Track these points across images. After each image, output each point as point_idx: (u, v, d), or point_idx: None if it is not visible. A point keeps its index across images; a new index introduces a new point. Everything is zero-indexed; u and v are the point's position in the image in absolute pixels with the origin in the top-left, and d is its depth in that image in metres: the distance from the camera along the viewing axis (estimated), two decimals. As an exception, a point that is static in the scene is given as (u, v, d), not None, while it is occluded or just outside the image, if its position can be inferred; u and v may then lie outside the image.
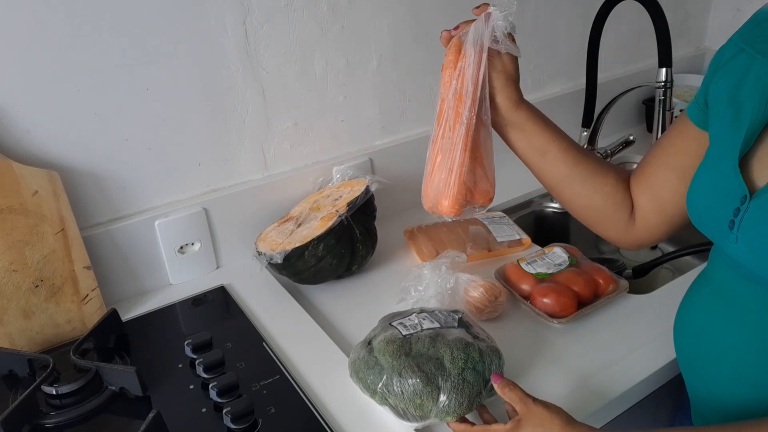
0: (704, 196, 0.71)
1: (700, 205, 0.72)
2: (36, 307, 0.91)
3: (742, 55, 0.69)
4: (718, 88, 0.72)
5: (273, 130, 1.13)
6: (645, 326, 0.92)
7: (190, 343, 0.88)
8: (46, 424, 0.79)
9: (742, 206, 0.64)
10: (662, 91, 1.14)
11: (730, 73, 0.70)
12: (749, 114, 0.66)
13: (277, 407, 0.79)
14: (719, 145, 0.70)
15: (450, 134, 0.78)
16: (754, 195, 0.64)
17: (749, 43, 0.69)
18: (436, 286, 0.95)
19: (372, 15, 1.15)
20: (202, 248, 1.09)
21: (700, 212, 0.73)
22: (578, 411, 0.78)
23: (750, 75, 0.68)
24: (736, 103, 0.68)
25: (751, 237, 0.64)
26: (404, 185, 1.27)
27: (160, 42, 0.96)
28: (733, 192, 0.66)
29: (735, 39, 0.72)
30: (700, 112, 0.76)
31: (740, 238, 0.65)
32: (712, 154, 0.72)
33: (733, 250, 0.67)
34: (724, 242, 0.68)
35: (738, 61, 0.70)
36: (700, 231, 0.74)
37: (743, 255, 0.66)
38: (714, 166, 0.70)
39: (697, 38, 1.78)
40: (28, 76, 0.89)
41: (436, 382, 0.73)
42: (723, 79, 0.71)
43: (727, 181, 0.66)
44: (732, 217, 0.66)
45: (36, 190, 0.90)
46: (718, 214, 0.68)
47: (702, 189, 0.72)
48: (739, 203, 0.65)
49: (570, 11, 1.43)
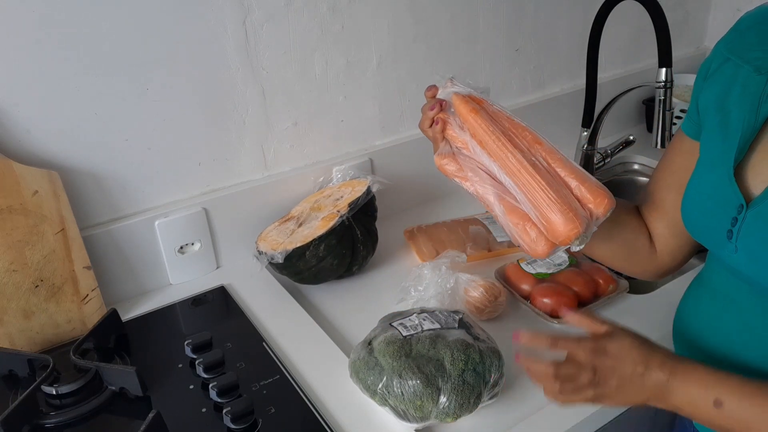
0: (699, 206, 0.71)
1: (696, 215, 0.72)
2: (36, 307, 0.91)
3: (728, 65, 0.69)
4: (706, 98, 0.72)
5: (273, 130, 1.13)
6: (645, 326, 0.91)
7: (190, 343, 0.88)
8: (46, 424, 0.79)
9: (739, 215, 0.64)
10: (662, 91, 1.14)
11: (717, 83, 0.70)
12: (740, 123, 0.66)
13: (277, 407, 0.79)
14: (710, 155, 0.70)
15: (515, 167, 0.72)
16: (750, 204, 0.64)
17: (734, 52, 0.69)
18: (436, 286, 0.95)
19: (372, 15, 1.15)
20: (202, 248, 1.09)
21: (695, 223, 0.72)
22: (578, 411, 0.78)
23: (736, 84, 0.68)
24: (723, 111, 0.68)
25: (751, 246, 0.64)
26: (404, 185, 1.27)
27: (160, 42, 0.96)
28: (729, 201, 0.66)
29: (720, 48, 0.72)
30: (694, 125, 0.75)
31: (740, 247, 0.65)
32: (704, 163, 0.72)
33: (732, 260, 0.67)
34: (722, 252, 0.68)
35: (724, 70, 0.70)
36: (697, 240, 0.74)
37: (743, 264, 0.66)
38: (707, 176, 0.70)
39: (697, 38, 1.78)
40: (28, 76, 0.89)
41: (436, 383, 0.73)
42: (710, 89, 0.71)
43: (722, 191, 0.66)
44: (730, 226, 0.65)
45: (36, 190, 0.90)
46: (714, 224, 0.68)
47: (697, 199, 0.72)
48: (736, 213, 0.65)
49: (570, 11, 1.43)
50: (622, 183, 1.50)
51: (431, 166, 0.79)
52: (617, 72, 1.59)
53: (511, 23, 1.35)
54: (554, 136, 1.55)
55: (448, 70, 1.29)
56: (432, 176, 1.29)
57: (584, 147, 1.39)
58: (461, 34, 1.28)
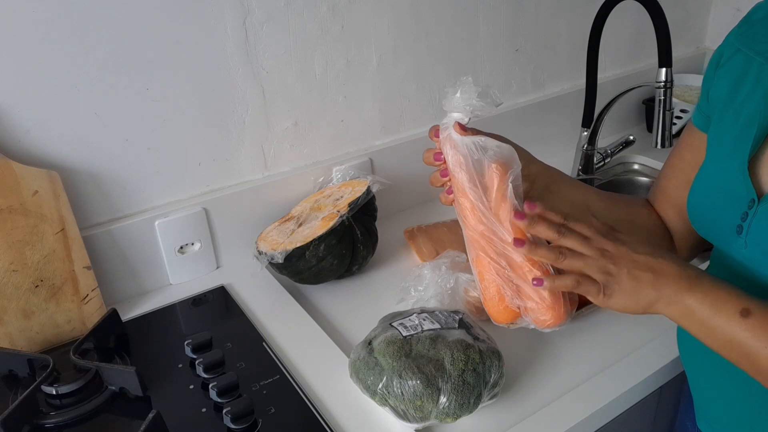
0: (707, 200, 0.70)
1: (703, 210, 0.71)
2: (36, 307, 0.91)
3: (739, 56, 0.68)
4: (717, 90, 0.71)
5: (273, 130, 1.13)
6: (645, 326, 0.92)
7: (190, 343, 0.88)
8: (46, 424, 0.79)
9: (750, 210, 0.64)
10: (662, 91, 1.14)
11: (729, 75, 0.69)
12: (755, 116, 0.64)
13: (277, 407, 0.79)
14: (720, 148, 0.69)
15: None
16: (762, 198, 0.63)
17: (746, 43, 0.68)
18: (436, 286, 0.95)
19: (372, 15, 1.15)
20: (202, 248, 1.09)
21: (703, 217, 0.71)
22: (578, 411, 0.78)
23: (749, 76, 0.67)
24: (735, 104, 0.68)
25: (762, 241, 0.63)
26: (404, 185, 1.27)
27: (160, 42, 0.96)
28: (740, 196, 0.65)
29: (730, 40, 0.71)
30: (704, 117, 0.74)
31: (749, 242, 0.64)
32: (713, 157, 0.71)
33: (741, 255, 0.66)
34: (731, 247, 0.67)
35: (735, 62, 0.69)
36: (702, 237, 0.73)
37: (753, 259, 0.65)
38: (716, 170, 0.69)
39: (697, 38, 1.78)
40: (28, 76, 0.89)
41: (436, 383, 0.73)
42: (722, 81, 0.71)
43: (733, 185, 0.65)
44: (740, 221, 0.65)
45: (36, 190, 0.90)
46: (723, 218, 0.67)
47: (704, 194, 0.71)
48: (747, 207, 0.64)
49: (570, 11, 1.43)
50: (621, 183, 1.50)
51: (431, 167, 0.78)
52: (617, 72, 1.59)
53: (511, 23, 1.35)
54: (554, 136, 1.56)
55: (449, 69, 1.29)
56: (432, 176, 1.30)
57: (584, 147, 1.39)
58: (461, 34, 1.28)
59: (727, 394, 0.72)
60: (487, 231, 0.68)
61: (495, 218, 0.67)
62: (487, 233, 0.68)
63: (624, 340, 0.90)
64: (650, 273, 0.60)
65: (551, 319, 0.67)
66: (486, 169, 0.68)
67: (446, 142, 0.70)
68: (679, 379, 0.88)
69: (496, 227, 0.67)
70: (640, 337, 0.90)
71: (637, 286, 0.60)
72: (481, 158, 0.68)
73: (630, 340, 0.90)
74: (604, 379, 0.83)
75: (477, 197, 0.67)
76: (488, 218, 0.67)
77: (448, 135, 0.69)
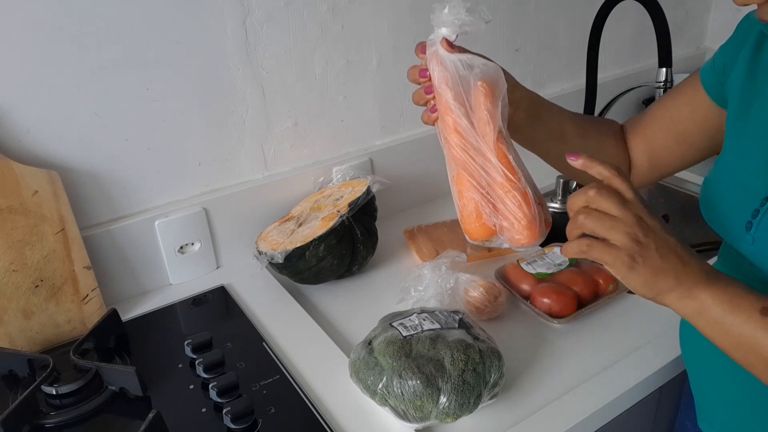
0: (723, 193, 0.69)
1: (717, 204, 0.70)
2: (36, 307, 0.91)
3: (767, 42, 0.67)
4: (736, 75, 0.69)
5: (273, 130, 1.13)
6: (645, 326, 0.92)
7: (190, 343, 0.88)
8: (46, 424, 0.79)
9: (761, 207, 0.63)
10: (662, 91, 1.14)
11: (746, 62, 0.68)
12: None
13: (277, 407, 0.79)
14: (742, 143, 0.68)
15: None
16: None
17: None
18: (436, 286, 0.95)
19: (372, 15, 1.15)
20: (202, 248, 1.09)
21: (716, 211, 0.71)
22: (578, 411, 0.78)
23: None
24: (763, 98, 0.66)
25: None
26: (404, 185, 1.27)
27: (160, 42, 0.96)
28: (755, 192, 0.64)
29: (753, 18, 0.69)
30: (716, 83, 0.73)
31: (758, 239, 0.64)
32: (734, 149, 0.69)
33: (749, 251, 0.66)
34: (739, 243, 0.67)
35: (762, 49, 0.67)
36: (712, 228, 0.73)
37: (759, 256, 0.65)
38: (737, 164, 0.68)
39: (697, 38, 1.78)
40: (28, 76, 0.89)
41: (436, 383, 0.73)
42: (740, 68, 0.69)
43: (751, 180, 0.65)
44: (750, 218, 0.64)
45: (36, 190, 0.90)
46: (736, 212, 0.66)
47: (720, 188, 0.70)
48: (759, 204, 0.64)
49: (570, 11, 1.43)
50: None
51: (431, 166, 0.78)
52: (617, 72, 1.59)
53: (511, 23, 1.35)
54: (554, 136, 1.54)
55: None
56: (432, 176, 1.30)
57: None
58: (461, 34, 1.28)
59: (730, 394, 0.72)
60: (470, 149, 0.68)
61: (479, 137, 0.67)
62: (470, 151, 0.68)
63: (624, 340, 0.90)
64: (676, 258, 0.57)
65: (525, 239, 0.67)
66: (472, 87, 0.67)
67: (432, 58, 0.69)
68: (680, 379, 0.88)
69: (480, 144, 0.67)
70: (640, 337, 0.90)
71: (662, 266, 0.57)
72: (468, 76, 0.67)
73: (630, 340, 0.90)
74: (604, 379, 0.83)
75: (462, 114, 0.67)
76: (473, 136, 0.67)
77: (435, 51, 0.69)
